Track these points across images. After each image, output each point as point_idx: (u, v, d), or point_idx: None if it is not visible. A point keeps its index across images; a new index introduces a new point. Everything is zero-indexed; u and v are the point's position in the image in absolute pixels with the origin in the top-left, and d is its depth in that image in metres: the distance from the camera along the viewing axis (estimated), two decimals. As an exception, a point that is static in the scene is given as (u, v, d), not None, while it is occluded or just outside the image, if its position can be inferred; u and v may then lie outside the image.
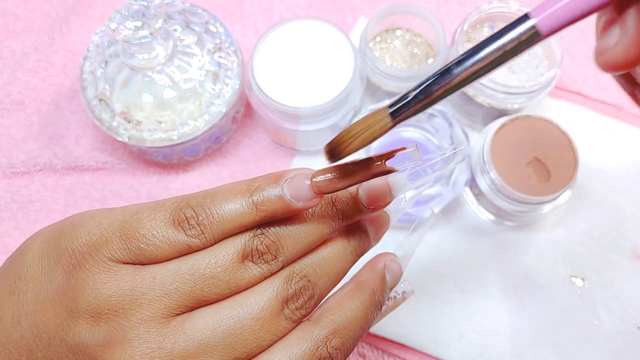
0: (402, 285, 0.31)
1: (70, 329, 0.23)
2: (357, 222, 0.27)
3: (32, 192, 0.53)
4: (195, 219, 0.24)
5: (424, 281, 0.50)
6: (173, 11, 0.49)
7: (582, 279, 0.50)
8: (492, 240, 0.51)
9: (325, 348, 0.25)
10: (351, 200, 0.26)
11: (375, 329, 0.48)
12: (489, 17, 0.52)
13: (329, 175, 0.24)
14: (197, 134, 0.48)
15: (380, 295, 0.28)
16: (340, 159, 0.24)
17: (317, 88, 0.48)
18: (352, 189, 0.26)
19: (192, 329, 0.23)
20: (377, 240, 0.29)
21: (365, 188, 0.26)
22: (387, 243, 0.30)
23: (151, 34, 0.42)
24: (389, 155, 0.24)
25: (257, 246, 0.24)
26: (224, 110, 0.48)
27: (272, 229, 0.25)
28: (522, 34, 0.22)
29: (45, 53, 0.57)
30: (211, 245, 0.24)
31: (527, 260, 0.50)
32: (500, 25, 0.53)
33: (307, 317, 0.26)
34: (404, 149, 0.24)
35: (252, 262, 0.24)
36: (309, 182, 0.24)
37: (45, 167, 0.54)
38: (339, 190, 0.24)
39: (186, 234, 0.24)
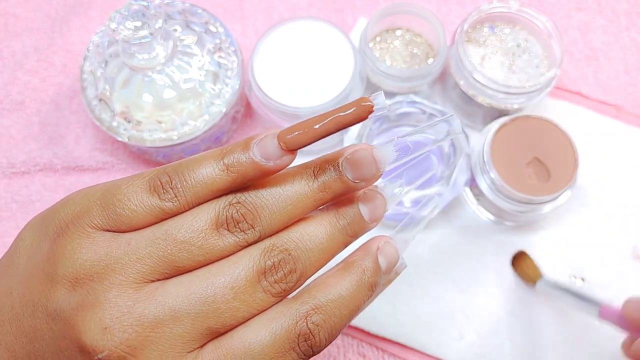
0: None
1: (50, 295, 0.23)
2: (348, 201, 0.27)
3: (32, 192, 0.53)
4: (169, 183, 0.24)
5: (424, 281, 0.50)
6: (173, 11, 0.49)
7: (582, 279, 0.50)
8: (492, 240, 0.51)
9: (304, 323, 0.24)
10: (334, 172, 0.25)
11: (376, 329, 0.48)
12: (489, 17, 0.52)
13: (295, 130, 0.24)
14: (197, 134, 0.48)
15: (372, 277, 0.26)
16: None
17: (317, 88, 0.48)
18: (336, 161, 0.26)
19: (163, 295, 0.23)
20: (373, 221, 0.27)
21: (349, 159, 0.25)
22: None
23: (151, 34, 0.42)
24: (353, 105, 0.24)
25: (232, 214, 0.24)
26: (224, 110, 0.48)
27: (249, 197, 0.24)
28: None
29: (45, 53, 0.57)
30: (186, 210, 0.24)
31: (527, 260, 0.50)
32: (501, 26, 0.53)
33: (291, 295, 0.25)
34: (367, 98, 0.24)
35: (228, 230, 0.24)
36: (276, 139, 0.24)
37: (45, 167, 0.54)
38: (308, 143, 0.24)
39: (160, 198, 0.24)
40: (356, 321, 0.48)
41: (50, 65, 0.57)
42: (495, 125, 0.48)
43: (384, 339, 0.48)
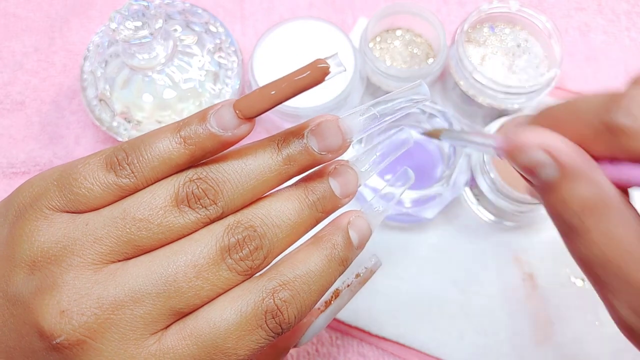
0: (370, 260, 0.29)
1: (9, 280, 0.23)
2: (318, 176, 0.26)
3: (32, 192, 0.53)
4: (126, 159, 0.23)
5: (424, 281, 0.50)
6: (173, 11, 0.49)
7: (582, 279, 0.50)
8: (492, 240, 0.51)
9: (272, 300, 0.23)
10: (299, 144, 0.24)
11: (376, 329, 0.48)
12: (489, 17, 0.52)
13: (252, 97, 0.23)
14: (197, 134, 0.48)
15: (342, 251, 0.25)
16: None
17: (317, 88, 0.48)
18: (301, 133, 0.25)
19: (123, 276, 0.22)
20: (345, 197, 0.26)
21: (314, 129, 0.24)
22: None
23: (151, 34, 0.42)
24: (309, 68, 0.23)
25: (192, 190, 0.23)
26: (224, 110, 0.48)
27: (210, 173, 0.24)
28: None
29: (45, 53, 0.57)
30: (144, 187, 0.24)
31: (527, 260, 0.50)
32: (501, 26, 0.53)
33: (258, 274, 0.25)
34: (322, 60, 0.23)
35: (189, 206, 0.23)
36: (232, 108, 0.23)
37: (45, 167, 0.54)
38: (265, 110, 0.23)
39: (117, 175, 0.23)
40: (356, 321, 0.48)
41: (50, 65, 0.57)
42: (495, 125, 0.48)
43: (384, 339, 0.48)
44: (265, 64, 0.49)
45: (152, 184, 0.24)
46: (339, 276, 0.26)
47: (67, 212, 0.24)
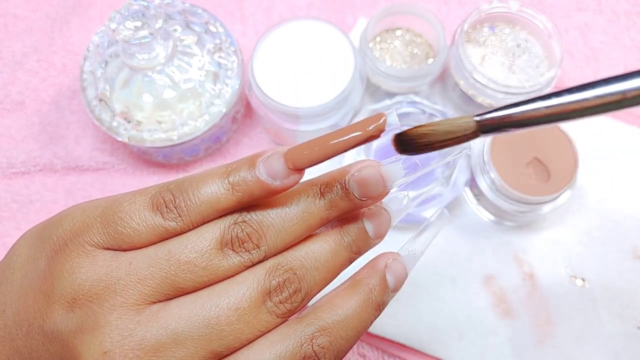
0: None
1: (46, 315, 0.23)
2: (353, 217, 0.26)
3: (32, 192, 0.53)
4: (173, 202, 0.23)
5: (424, 281, 0.50)
6: (173, 11, 0.49)
7: (582, 279, 0.50)
8: (492, 240, 0.51)
9: (310, 346, 0.23)
10: (341, 190, 0.25)
11: (376, 329, 0.48)
12: (489, 17, 0.52)
13: (304, 149, 0.23)
14: (197, 134, 0.48)
15: (379, 296, 0.26)
16: (411, 152, 0.23)
17: (317, 88, 0.48)
18: (343, 179, 0.25)
19: (166, 318, 0.22)
20: (378, 238, 0.27)
21: (356, 177, 0.25)
22: (388, 244, 0.30)
23: (151, 34, 0.42)
24: (366, 124, 0.23)
25: (237, 233, 0.23)
26: (224, 110, 0.48)
27: (254, 216, 0.24)
28: None
29: (45, 53, 0.57)
30: (190, 230, 0.24)
31: (527, 260, 0.50)
32: (501, 26, 0.53)
33: (296, 315, 0.25)
34: (382, 115, 0.23)
35: (233, 250, 0.23)
36: (283, 158, 0.23)
37: (45, 167, 0.54)
38: (316, 163, 0.23)
39: (163, 217, 0.23)
40: (356, 321, 0.48)
41: (50, 65, 0.57)
42: (495, 125, 0.48)
43: (384, 339, 0.48)
44: (265, 64, 0.49)
45: (197, 226, 0.24)
46: (374, 320, 0.26)
47: (109, 249, 0.24)
